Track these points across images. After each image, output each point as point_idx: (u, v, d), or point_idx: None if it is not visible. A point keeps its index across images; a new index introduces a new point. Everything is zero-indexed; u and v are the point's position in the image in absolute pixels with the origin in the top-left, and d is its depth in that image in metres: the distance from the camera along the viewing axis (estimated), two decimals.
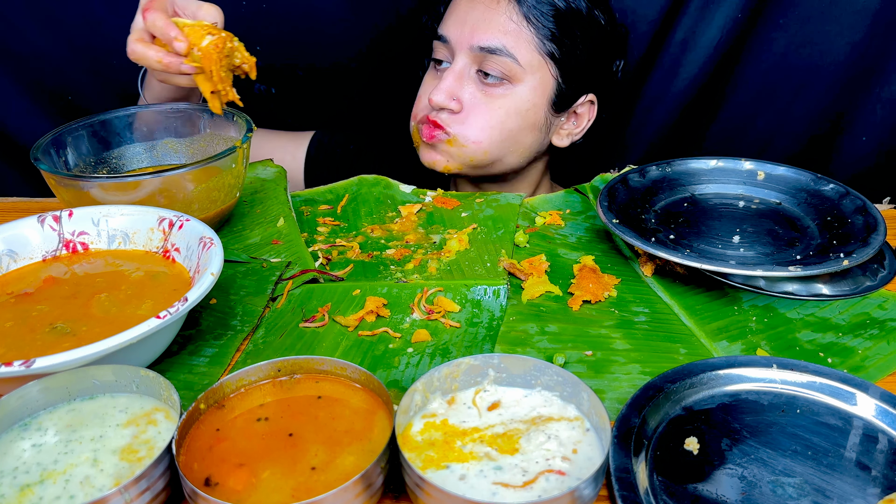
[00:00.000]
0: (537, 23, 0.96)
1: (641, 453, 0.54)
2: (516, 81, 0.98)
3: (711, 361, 0.62)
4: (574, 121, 1.07)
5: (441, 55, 1.02)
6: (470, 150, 1.00)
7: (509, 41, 0.96)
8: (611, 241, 0.86)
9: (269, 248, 0.82)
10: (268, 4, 1.15)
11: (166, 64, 0.80)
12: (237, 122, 0.88)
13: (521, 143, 1.02)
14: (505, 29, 0.96)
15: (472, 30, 0.97)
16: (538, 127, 1.02)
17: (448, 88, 0.98)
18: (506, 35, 0.96)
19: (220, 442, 0.52)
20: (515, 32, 0.96)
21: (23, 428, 0.53)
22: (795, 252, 0.78)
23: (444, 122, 0.99)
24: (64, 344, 0.60)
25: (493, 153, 1.01)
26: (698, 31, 1.14)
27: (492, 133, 0.99)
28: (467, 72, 0.99)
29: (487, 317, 0.72)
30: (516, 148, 1.02)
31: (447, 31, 1.00)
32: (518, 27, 0.96)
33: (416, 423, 0.54)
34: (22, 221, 0.72)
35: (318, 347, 0.68)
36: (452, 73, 0.98)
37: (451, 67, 0.99)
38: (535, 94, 0.99)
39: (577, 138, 1.08)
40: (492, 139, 0.99)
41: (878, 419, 0.58)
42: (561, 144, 1.07)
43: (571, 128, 1.07)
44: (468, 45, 0.97)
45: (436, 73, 1.04)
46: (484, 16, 0.97)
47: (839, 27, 1.12)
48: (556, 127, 1.05)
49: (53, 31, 1.13)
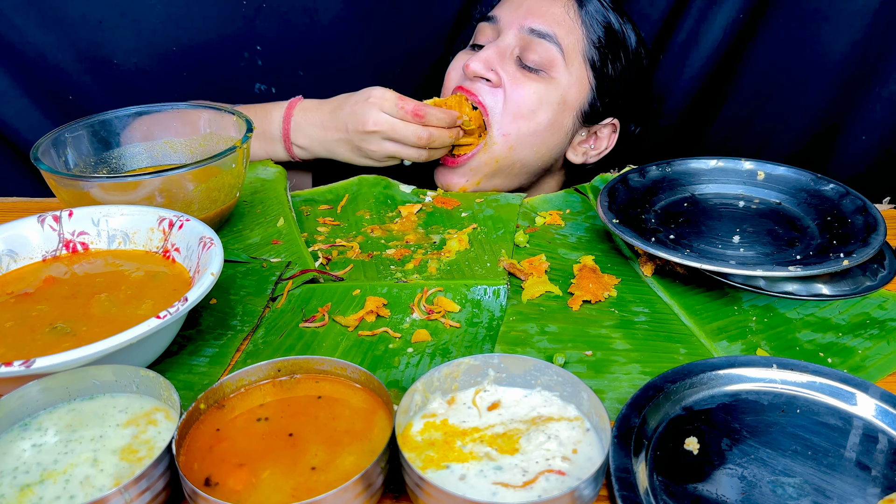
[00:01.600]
0: (590, 26, 0.98)
1: (641, 453, 0.54)
2: (555, 73, 0.97)
3: (711, 361, 0.62)
4: (593, 143, 1.06)
5: (484, 38, 1.02)
6: (498, 147, 0.98)
7: (561, 31, 0.97)
8: (611, 241, 0.86)
9: (269, 248, 0.82)
10: (268, 4, 1.15)
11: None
12: (237, 121, 0.88)
13: (545, 142, 1.00)
14: (560, 20, 0.97)
15: (527, 12, 0.98)
16: (564, 129, 1.01)
17: (488, 58, 0.97)
18: (559, 25, 0.97)
19: (220, 442, 0.52)
20: (568, 26, 0.97)
21: (23, 428, 0.53)
22: (795, 252, 0.78)
23: (478, 92, 0.97)
24: (64, 344, 0.60)
25: (517, 150, 0.99)
26: (700, 32, 1.14)
27: (520, 122, 0.97)
28: (509, 51, 0.98)
29: (487, 317, 0.72)
30: (539, 147, 1.01)
31: (499, 12, 1.01)
32: (572, 22, 0.97)
33: (416, 423, 0.54)
34: (22, 221, 0.72)
35: (318, 347, 0.68)
36: (495, 46, 0.97)
37: (495, 42, 0.98)
38: (571, 92, 0.99)
39: (591, 160, 1.08)
40: (520, 130, 0.97)
41: (878, 419, 0.58)
42: (574, 160, 1.06)
43: (588, 148, 1.07)
44: (518, 25, 0.97)
45: (471, 52, 1.03)
46: (542, 3, 0.98)
47: (839, 27, 1.12)
48: (576, 141, 1.05)
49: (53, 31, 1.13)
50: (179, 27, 1.16)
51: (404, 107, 0.90)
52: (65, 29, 1.14)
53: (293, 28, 1.18)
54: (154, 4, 1.13)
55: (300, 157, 1.00)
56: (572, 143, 1.05)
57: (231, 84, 1.22)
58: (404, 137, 0.91)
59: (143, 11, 1.13)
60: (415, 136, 0.91)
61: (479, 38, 1.03)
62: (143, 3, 1.13)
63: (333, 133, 0.95)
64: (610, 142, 1.07)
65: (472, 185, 1.02)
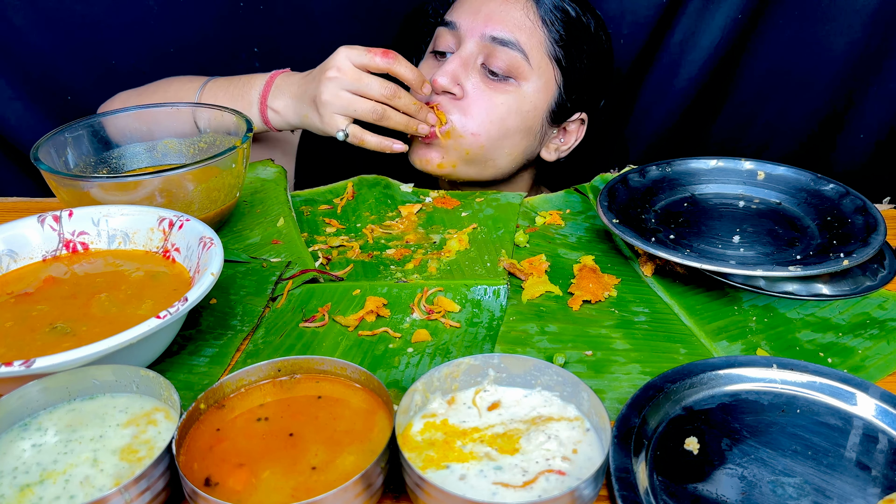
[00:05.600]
0: (551, 26, 0.96)
1: (641, 453, 0.54)
2: (522, 80, 0.96)
3: (711, 361, 0.62)
4: (563, 137, 1.06)
5: (444, 44, 1.00)
6: (467, 141, 0.97)
7: (523, 37, 0.95)
8: (611, 241, 0.86)
9: (269, 248, 0.82)
10: (265, 5, 1.15)
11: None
12: (237, 121, 0.88)
13: (515, 145, 1.01)
14: (520, 24, 0.95)
15: (487, 19, 0.95)
16: (534, 133, 1.01)
17: (453, 71, 0.96)
18: (521, 30, 0.95)
19: (220, 442, 0.52)
20: (530, 30, 0.96)
21: (23, 428, 0.53)
22: (795, 252, 0.78)
23: (444, 108, 0.96)
24: (64, 344, 0.60)
25: (488, 148, 0.98)
26: (698, 32, 1.14)
27: (490, 128, 0.97)
28: (473, 61, 0.97)
29: (487, 317, 0.72)
30: (510, 150, 1.01)
31: (457, 17, 0.98)
32: (533, 26, 0.96)
33: (416, 423, 0.54)
34: (22, 221, 0.72)
35: (318, 347, 0.68)
36: (458, 58, 0.96)
37: (458, 52, 0.97)
38: (539, 96, 0.98)
39: (563, 155, 1.08)
40: (490, 134, 0.97)
41: (878, 419, 0.58)
42: (548, 158, 1.06)
43: (560, 144, 1.06)
44: (480, 34, 0.95)
45: (435, 62, 1.02)
46: (501, 8, 0.96)
47: (839, 27, 1.12)
48: (548, 139, 1.05)
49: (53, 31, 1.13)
50: (177, 28, 1.16)
51: (372, 49, 0.87)
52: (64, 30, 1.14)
53: (290, 29, 1.18)
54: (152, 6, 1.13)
55: (274, 123, 0.97)
56: (545, 142, 1.05)
57: None
58: (367, 87, 0.88)
59: (142, 13, 1.14)
60: (379, 90, 0.88)
61: (438, 45, 1.01)
62: (141, 5, 1.13)
63: (305, 89, 0.92)
64: (579, 134, 1.07)
65: (448, 167, 1.00)
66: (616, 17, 1.16)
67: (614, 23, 1.16)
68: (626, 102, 1.24)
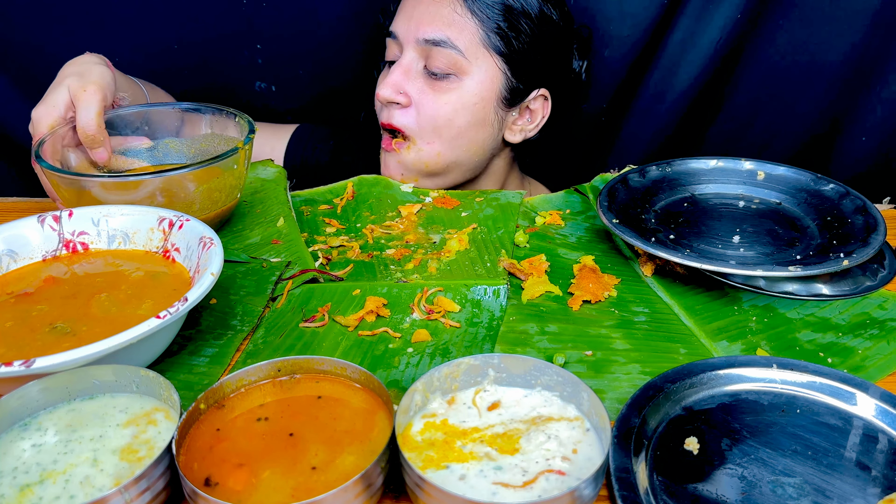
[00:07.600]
0: (482, 15, 0.96)
1: (641, 453, 0.54)
2: (463, 75, 0.97)
3: (711, 361, 0.62)
4: (529, 116, 1.06)
5: (391, 54, 1.01)
6: (425, 153, 0.98)
7: (453, 33, 0.95)
8: (611, 241, 0.86)
9: (269, 248, 0.83)
10: (268, 3, 1.15)
11: None
12: (239, 122, 0.88)
13: (473, 140, 1.00)
14: (449, 21, 0.95)
15: (418, 23, 0.96)
16: (489, 123, 1.01)
17: (395, 82, 0.97)
18: (449, 27, 0.95)
19: (220, 442, 0.52)
20: (459, 24, 0.95)
21: (23, 428, 0.53)
22: (795, 252, 0.78)
23: (397, 123, 0.98)
24: (64, 344, 0.60)
25: (445, 155, 0.99)
26: (698, 32, 1.14)
27: (441, 132, 0.97)
28: (414, 66, 0.97)
29: (487, 317, 0.72)
30: (470, 146, 1.01)
31: (396, 26, 0.99)
32: (462, 19, 0.96)
33: (416, 423, 0.54)
34: (22, 221, 0.72)
35: (318, 347, 0.68)
36: (399, 67, 0.97)
37: (399, 61, 0.98)
38: (483, 87, 0.98)
39: (530, 134, 1.07)
40: (442, 138, 0.98)
41: (878, 419, 0.58)
42: (513, 140, 1.06)
43: (525, 123, 1.06)
44: (414, 39, 0.96)
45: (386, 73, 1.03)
46: (429, 9, 0.96)
47: (839, 27, 1.12)
48: (508, 122, 1.04)
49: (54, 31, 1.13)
50: (180, 26, 1.16)
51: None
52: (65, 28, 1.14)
53: (293, 27, 1.18)
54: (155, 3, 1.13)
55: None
56: (506, 126, 1.04)
57: (231, 82, 1.22)
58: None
59: (144, 10, 1.14)
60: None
61: (387, 55, 1.02)
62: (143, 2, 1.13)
63: None
64: (545, 111, 1.06)
65: (410, 181, 1.01)
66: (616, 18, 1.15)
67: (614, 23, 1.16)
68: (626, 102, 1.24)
